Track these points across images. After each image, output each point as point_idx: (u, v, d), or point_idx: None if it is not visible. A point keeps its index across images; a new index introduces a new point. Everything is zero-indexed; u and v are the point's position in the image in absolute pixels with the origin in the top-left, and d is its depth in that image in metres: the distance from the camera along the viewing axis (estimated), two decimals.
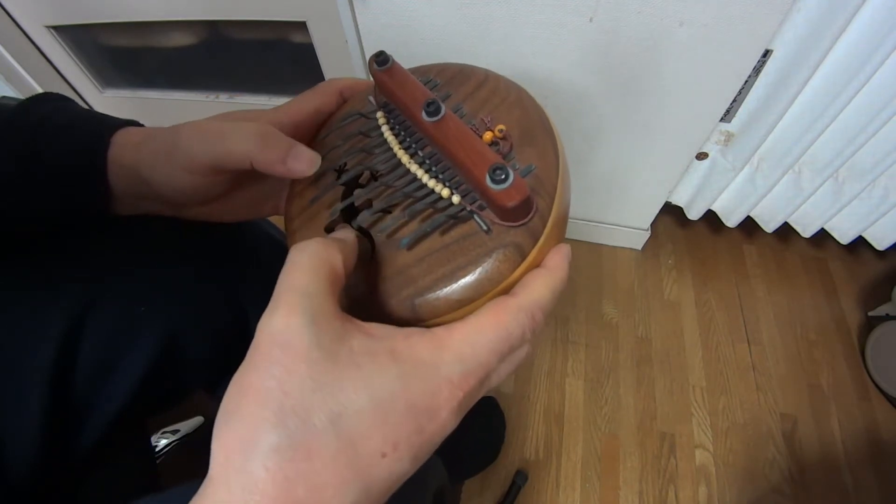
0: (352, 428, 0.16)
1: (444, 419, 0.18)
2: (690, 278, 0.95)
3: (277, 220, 0.34)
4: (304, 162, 0.24)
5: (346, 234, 0.22)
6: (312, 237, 0.24)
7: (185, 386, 0.37)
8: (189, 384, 0.37)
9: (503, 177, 0.19)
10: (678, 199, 0.90)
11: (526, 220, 0.21)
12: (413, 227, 0.23)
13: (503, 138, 0.24)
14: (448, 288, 0.20)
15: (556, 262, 0.22)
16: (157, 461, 0.52)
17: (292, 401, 0.15)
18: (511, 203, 0.19)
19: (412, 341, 0.18)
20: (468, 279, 0.20)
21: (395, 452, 0.17)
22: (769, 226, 0.88)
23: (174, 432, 0.71)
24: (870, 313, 0.88)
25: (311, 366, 0.16)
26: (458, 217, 0.22)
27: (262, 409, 0.15)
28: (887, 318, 0.83)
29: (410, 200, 0.23)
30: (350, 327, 0.18)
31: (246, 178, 0.29)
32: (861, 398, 0.82)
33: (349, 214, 0.24)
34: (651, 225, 0.94)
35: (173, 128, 0.25)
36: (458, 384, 0.18)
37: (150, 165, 0.26)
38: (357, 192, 0.24)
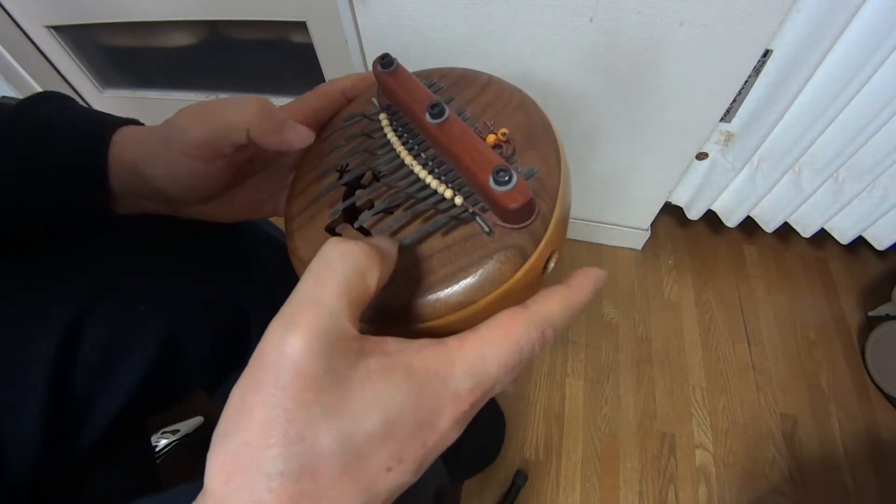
0: (360, 447, 0.16)
1: (446, 431, 0.18)
2: (690, 278, 0.95)
3: (278, 221, 0.34)
4: (299, 134, 0.24)
5: (390, 245, 0.20)
6: (313, 238, 0.24)
7: (185, 386, 0.37)
8: (189, 384, 0.37)
9: (506, 179, 0.19)
10: (678, 199, 0.90)
11: (528, 222, 0.21)
12: (415, 227, 0.22)
13: (506, 142, 0.24)
14: (449, 289, 0.20)
15: (581, 283, 0.21)
16: (157, 461, 0.52)
17: (298, 428, 0.15)
18: (514, 205, 0.19)
19: (425, 355, 0.18)
20: (469, 280, 0.20)
21: (400, 466, 0.17)
22: (769, 226, 0.88)
23: (174, 432, 0.70)
24: (870, 313, 0.88)
25: (320, 393, 0.15)
26: (460, 218, 0.22)
27: (266, 436, 0.15)
28: (887, 318, 0.83)
29: (412, 201, 0.23)
30: (367, 347, 0.17)
31: (244, 170, 0.29)
32: (861, 398, 0.82)
33: (350, 215, 0.24)
34: (651, 225, 0.94)
35: (167, 119, 0.26)
36: (465, 398, 0.18)
37: (149, 159, 0.26)
38: (359, 192, 0.24)
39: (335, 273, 0.17)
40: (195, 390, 0.39)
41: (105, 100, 1.04)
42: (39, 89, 0.95)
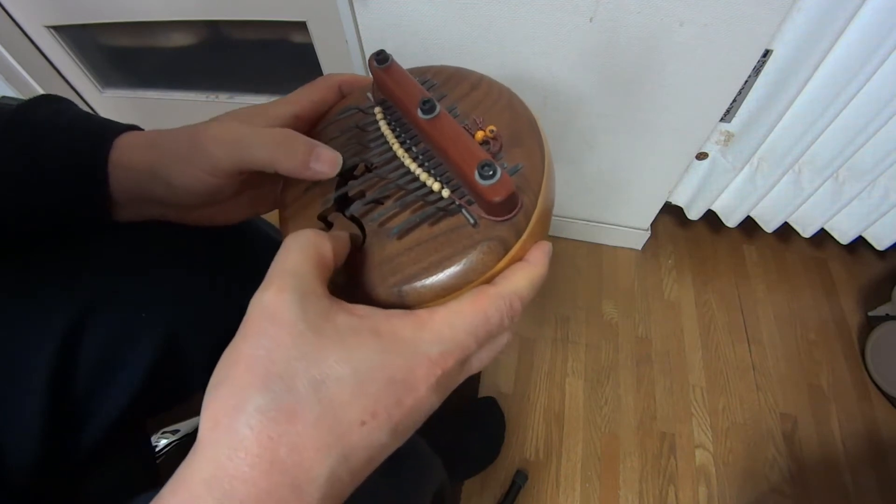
0: (333, 395, 0.17)
1: (422, 395, 0.19)
2: (690, 278, 0.95)
3: (275, 220, 0.34)
4: (327, 164, 0.24)
5: (341, 232, 0.23)
6: (305, 225, 0.25)
7: (185, 387, 0.37)
8: (190, 385, 0.37)
9: (491, 173, 0.20)
10: (678, 199, 0.90)
11: (511, 215, 0.22)
12: (404, 217, 0.23)
13: (493, 138, 0.25)
14: (434, 277, 0.21)
15: (537, 257, 0.23)
16: (157, 461, 0.52)
17: (278, 367, 0.17)
18: (497, 198, 0.20)
19: (393, 321, 0.19)
20: (454, 269, 0.21)
21: (373, 421, 0.17)
22: (769, 226, 0.88)
23: (174, 432, 0.71)
24: (870, 313, 0.88)
25: (296, 337, 0.17)
26: (447, 210, 0.23)
27: (250, 375, 0.16)
28: (887, 318, 0.83)
29: (402, 192, 0.24)
30: (336, 307, 0.19)
31: (259, 178, 0.29)
32: (861, 398, 0.82)
33: (342, 204, 0.25)
34: (651, 225, 0.94)
35: (190, 130, 0.25)
36: (437, 362, 0.19)
37: (168, 164, 0.26)
38: (351, 182, 0.25)
39: (292, 247, 0.19)
40: (196, 391, 0.39)
41: (105, 100, 1.04)
42: (39, 89, 0.95)
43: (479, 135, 0.24)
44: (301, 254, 0.19)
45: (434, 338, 0.19)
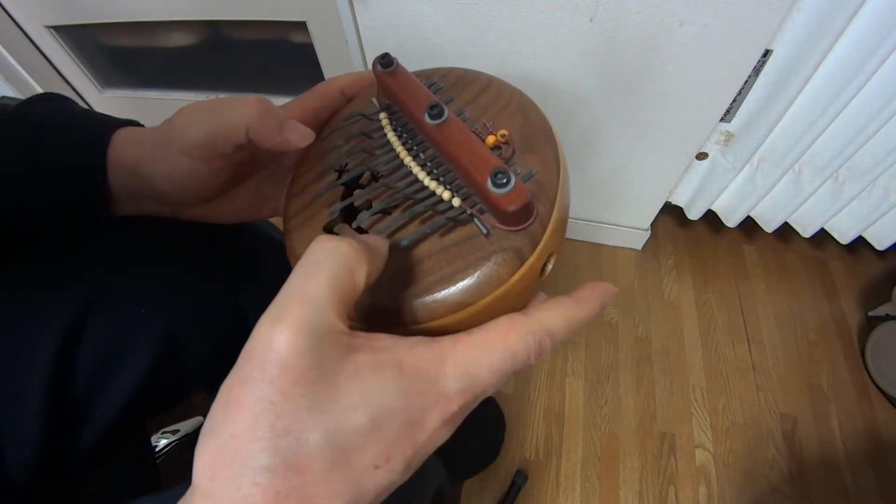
0: (346, 443, 0.16)
1: (435, 431, 0.18)
2: (690, 278, 0.95)
3: (278, 221, 0.34)
4: (299, 133, 0.24)
5: (381, 243, 0.20)
6: (311, 237, 0.24)
7: (185, 386, 0.37)
8: (189, 385, 0.37)
9: (505, 181, 0.19)
10: (678, 199, 0.90)
11: (526, 224, 0.21)
12: (412, 228, 0.22)
13: (505, 143, 0.23)
14: (446, 290, 0.20)
15: (587, 296, 0.21)
16: (157, 461, 0.52)
17: (285, 422, 0.15)
18: (512, 207, 0.19)
19: (417, 352, 0.18)
20: (467, 282, 0.20)
21: (387, 464, 0.17)
22: (769, 226, 0.88)
23: (174, 432, 0.71)
24: (870, 313, 0.88)
25: (307, 387, 0.15)
26: (458, 220, 0.22)
27: (253, 430, 0.15)
28: (887, 318, 0.83)
29: (411, 202, 0.23)
30: (356, 342, 0.17)
31: (244, 170, 0.29)
32: (861, 398, 0.82)
33: (348, 215, 0.24)
34: (651, 225, 0.94)
35: (168, 118, 0.26)
36: (454, 399, 0.18)
37: (150, 159, 0.26)
38: (357, 192, 0.24)
39: (322, 269, 0.17)
40: (196, 391, 0.39)
41: (105, 100, 1.04)
42: (39, 89, 0.95)
43: (491, 140, 0.23)
44: (330, 278, 0.16)
45: (457, 373, 0.18)
